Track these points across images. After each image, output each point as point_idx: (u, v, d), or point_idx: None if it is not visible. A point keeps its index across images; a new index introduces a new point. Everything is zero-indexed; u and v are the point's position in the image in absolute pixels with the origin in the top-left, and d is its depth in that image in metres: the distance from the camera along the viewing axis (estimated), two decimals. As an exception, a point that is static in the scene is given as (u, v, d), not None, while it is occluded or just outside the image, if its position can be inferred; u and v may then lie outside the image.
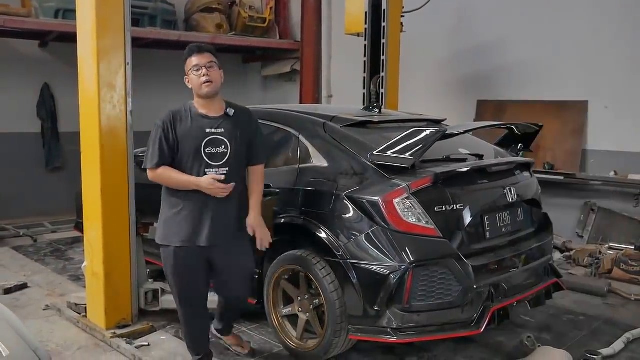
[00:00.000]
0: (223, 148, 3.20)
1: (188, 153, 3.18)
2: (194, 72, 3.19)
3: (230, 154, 3.22)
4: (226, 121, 3.25)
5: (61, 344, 4.03)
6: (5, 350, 2.02)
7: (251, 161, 3.39)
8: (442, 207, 3.38)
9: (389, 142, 3.50)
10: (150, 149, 3.19)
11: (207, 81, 3.16)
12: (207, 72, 3.17)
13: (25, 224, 7.43)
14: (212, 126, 3.21)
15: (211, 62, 3.20)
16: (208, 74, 3.16)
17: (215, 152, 3.19)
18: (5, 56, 7.88)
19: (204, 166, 3.17)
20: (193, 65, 3.19)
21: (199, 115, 3.23)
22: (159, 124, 3.20)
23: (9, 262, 6.07)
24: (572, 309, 4.84)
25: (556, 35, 6.64)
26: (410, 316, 3.27)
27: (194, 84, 3.20)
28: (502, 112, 7.11)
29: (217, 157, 3.20)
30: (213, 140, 3.19)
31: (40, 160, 8.27)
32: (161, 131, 3.18)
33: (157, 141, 3.17)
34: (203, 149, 3.17)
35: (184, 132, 3.19)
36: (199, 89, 3.19)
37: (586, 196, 6.52)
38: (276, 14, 9.54)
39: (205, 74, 3.16)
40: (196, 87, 3.20)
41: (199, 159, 3.17)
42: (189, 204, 3.20)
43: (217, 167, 3.19)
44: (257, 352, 3.86)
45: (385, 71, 6.20)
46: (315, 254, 3.56)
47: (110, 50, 3.94)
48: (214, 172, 3.16)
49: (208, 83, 3.16)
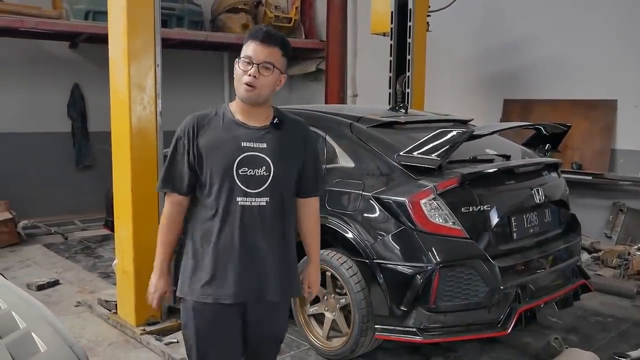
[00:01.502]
0: (264, 170, 2.28)
1: (214, 174, 2.28)
2: (242, 64, 2.27)
3: (273, 179, 2.29)
4: (271, 134, 2.33)
5: (92, 339, 4.12)
6: (43, 347, 2.08)
7: (303, 192, 2.47)
8: (468, 208, 3.38)
9: (415, 143, 3.52)
10: (164, 167, 2.41)
11: (249, 84, 2.25)
12: (257, 73, 2.24)
13: (56, 221, 7.58)
14: (252, 139, 2.29)
15: (269, 62, 2.25)
16: (256, 76, 2.24)
17: (252, 174, 2.26)
18: (37, 57, 8.06)
19: (235, 194, 2.26)
20: (245, 54, 2.27)
21: (233, 123, 2.32)
22: (177, 134, 2.36)
23: (41, 259, 6.22)
24: (600, 310, 4.79)
25: (584, 33, 6.55)
26: (437, 316, 3.29)
27: (236, 77, 2.30)
28: (529, 111, 7.05)
29: (255, 182, 2.27)
30: (250, 158, 2.27)
31: (70, 159, 8.44)
32: (179, 145, 2.34)
33: (169, 159, 2.37)
34: (236, 170, 2.25)
35: (211, 143, 2.29)
36: (238, 87, 2.30)
37: (615, 196, 6.43)
38: (302, 14, 9.58)
39: (253, 75, 2.24)
40: (236, 83, 2.31)
41: (230, 184, 2.26)
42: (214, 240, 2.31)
43: (254, 196, 2.27)
44: (284, 350, 3.91)
45: (411, 71, 6.19)
46: (341, 254, 3.59)
47: (141, 52, 4.01)
48: (249, 203, 2.27)
49: (250, 88, 2.25)
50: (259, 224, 2.29)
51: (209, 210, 2.31)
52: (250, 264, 2.31)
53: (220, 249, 2.30)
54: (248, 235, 2.28)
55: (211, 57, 9.56)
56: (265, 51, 2.26)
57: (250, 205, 2.27)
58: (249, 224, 2.28)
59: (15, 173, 7.72)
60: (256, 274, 2.32)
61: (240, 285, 2.30)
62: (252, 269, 2.31)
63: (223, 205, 2.28)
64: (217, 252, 2.30)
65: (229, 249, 2.29)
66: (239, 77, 2.28)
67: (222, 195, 2.28)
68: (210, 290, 2.31)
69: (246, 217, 2.28)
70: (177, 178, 2.35)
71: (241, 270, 2.30)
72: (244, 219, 2.28)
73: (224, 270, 2.30)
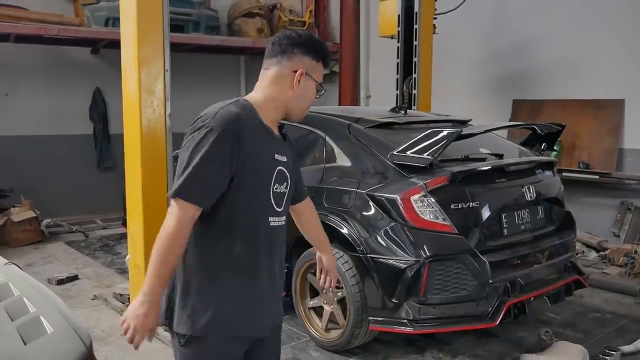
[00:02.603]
0: (285, 187, 2.08)
1: (249, 190, 1.94)
2: (313, 86, 2.06)
3: (288, 196, 2.13)
4: (284, 145, 2.12)
5: (106, 330, 4.36)
6: (50, 329, 2.29)
7: (299, 198, 2.35)
8: (458, 205, 3.52)
9: (408, 143, 3.66)
10: (190, 170, 1.85)
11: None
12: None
13: (77, 220, 7.92)
14: (279, 151, 2.06)
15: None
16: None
17: (279, 191, 2.05)
18: (61, 63, 8.41)
19: (268, 214, 2.02)
20: (319, 80, 2.08)
21: (264, 129, 2.01)
22: (217, 134, 1.85)
23: (62, 256, 6.51)
24: (600, 307, 4.86)
25: (592, 33, 6.60)
26: (427, 308, 3.43)
27: (303, 95, 2.05)
28: (538, 111, 7.11)
29: (281, 199, 2.07)
30: (280, 173, 2.05)
31: (92, 160, 8.77)
32: (220, 149, 1.86)
33: (201, 163, 1.84)
34: (272, 186, 2.02)
35: (252, 152, 1.93)
36: (300, 106, 2.08)
37: (622, 195, 6.47)
38: (316, 17, 9.76)
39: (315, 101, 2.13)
40: (299, 101, 2.05)
41: (264, 202, 2.00)
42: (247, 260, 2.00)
43: (280, 215, 2.07)
44: (285, 341, 4.09)
45: (417, 72, 6.33)
46: (338, 249, 3.75)
47: (151, 58, 4.23)
48: (277, 223, 2.06)
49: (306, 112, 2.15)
50: (279, 245, 2.11)
51: (233, 230, 1.95)
52: (273, 290, 2.11)
53: (250, 275, 2.00)
54: (270, 258, 2.06)
55: (228, 60, 9.83)
56: None
57: (277, 225, 2.06)
58: (273, 246, 2.07)
59: (39, 174, 8.07)
60: (276, 300, 2.14)
61: (270, 316, 2.10)
62: (274, 295, 2.12)
63: (253, 226, 1.98)
64: (246, 279, 2.00)
65: (258, 274, 2.03)
66: (307, 98, 2.08)
67: (255, 215, 1.98)
68: (244, 325, 2.01)
69: (273, 238, 2.06)
70: (208, 189, 1.88)
71: (268, 298, 2.07)
72: (271, 240, 2.05)
73: (254, 300, 2.03)
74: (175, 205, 1.86)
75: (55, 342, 2.22)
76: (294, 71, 2.01)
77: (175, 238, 1.86)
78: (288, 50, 2.02)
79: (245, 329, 2.01)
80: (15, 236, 6.84)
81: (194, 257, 1.98)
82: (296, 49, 2.02)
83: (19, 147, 8.04)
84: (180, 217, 1.85)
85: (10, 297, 2.45)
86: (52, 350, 2.17)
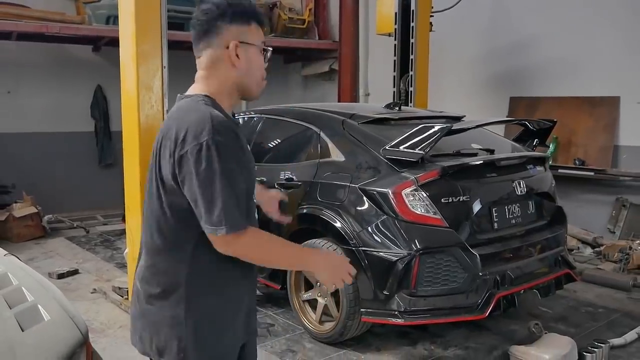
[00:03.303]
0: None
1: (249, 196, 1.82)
2: (256, 51, 1.82)
3: None
4: None
5: (105, 322, 4.44)
6: (47, 316, 2.36)
7: None
8: (449, 199, 3.58)
9: (400, 138, 3.73)
10: (221, 197, 1.62)
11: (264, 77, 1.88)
12: None
13: (79, 216, 8.00)
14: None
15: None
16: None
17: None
18: (62, 60, 8.49)
19: (255, 218, 1.89)
20: (261, 39, 1.83)
21: (235, 124, 1.82)
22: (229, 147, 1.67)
23: (63, 251, 6.60)
24: (593, 301, 4.92)
25: (588, 31, 6.65)
26: (417, 300, 3.49)
27: (253, 67, 1.82)
28: (534, 108, 7.16)
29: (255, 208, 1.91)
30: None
31: (93, 157, 8.85)
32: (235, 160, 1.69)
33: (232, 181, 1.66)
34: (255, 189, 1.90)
35: (250, 161, 1.85)
36: (254, 80, 1.84)
37: (617, 192, 6.51)
38: (315, 15, 9.83)
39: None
40: (250, 75, 1.82)
41: (252, 206, 1.86)
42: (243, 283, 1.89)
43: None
44: (280, 333, 4.16)
45: (414, 70, 6.39)
46: (332, 242, 3.83)
47: (148, 55, 4.30)
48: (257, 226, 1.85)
49: (264, 82, 1.90)
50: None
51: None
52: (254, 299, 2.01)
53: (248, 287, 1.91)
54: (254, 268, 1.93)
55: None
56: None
57: None
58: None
59: (41, 170, 8.15)
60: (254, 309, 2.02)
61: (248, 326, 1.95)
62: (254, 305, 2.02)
63: None
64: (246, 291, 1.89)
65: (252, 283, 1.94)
66: (256, 67, 1.83)
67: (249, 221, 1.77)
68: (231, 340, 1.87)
69: None
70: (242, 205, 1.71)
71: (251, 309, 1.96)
72: None
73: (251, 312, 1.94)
74: (226, 241, 1.66)
75: (52, 329, 2.29)
76: (227, 47, 1.78)
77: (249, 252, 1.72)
78: (211, 27, 1.79)
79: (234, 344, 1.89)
80: (17, 231, 6.92)
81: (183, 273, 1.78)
82: (219, 21, 1.79)
83: (21, 144, 8.13)
84: (232, 248, 1.69)
85: (9, 286, 2.53)
86: (49, 337, 2.24)
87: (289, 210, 3.77)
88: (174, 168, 1.67)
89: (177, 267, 1.77)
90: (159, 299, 1.80)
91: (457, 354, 3.88)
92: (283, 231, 4.17)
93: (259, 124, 4.71)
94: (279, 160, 4.44)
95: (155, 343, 1.81)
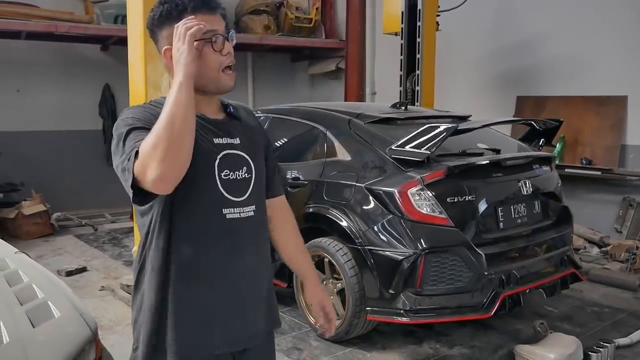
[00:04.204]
0: (245, 172, 1.77)
1: (188, 183, 1.60)
2: (214, 44, 1.67)
3: (255, 182, 1.80)
4: (235, 126, 1.82)
5: (113, 319, 4.48)
6: (57, 313, 2.40)
7: (271, 191, 1.95)
8: (454, 199, 3.60)
9: (406, 137, 3.75)
10: (123, 147, 1.61)
11: (230, 65, 1.72)
12: (230, 50, 1.71)
13: (87, 214, 8.06)
14: (221, 134, 1.76)
15: (230, 31, 1.73)
16: (231, 52, 1.72)
17: (234, 178, 1.74)
18: (71, 60, 8.55)
19: (219, 206, 1.72)
20: (207, 29, 1.62)
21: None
22: (128, 121, 1.66)
23: (71, 249, 6.66)
24: (599, 301, 4.92)
25: (595, 30, 6.63)
26: (422, 299, 3.51)
27: (206, 66, 1.67)
28: (541, 107, 7.15)
29: (239, 187, 1.75)
30: (230, 157, 1.75)
31: (101, 155, 8.87)
32: (138, 126, 1.63)
33: (132, 134, 1.62)
34: (218, 174, 1.71)
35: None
36: (215, 76, 1.70)
37: (625, 191, 6.50)
38: (322, 14, 9.84)
39: (229, 51, 1.71)
40: (205, 76, 1.67)
41: (209, 194, 1.70)
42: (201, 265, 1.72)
43: (242, 207, 1.75)
44: (286, 331, 4.19)
45: (420, 69, 6.40)
46: (338, 241, 3.85)
47: (156, 55, 4.27)
48: (237, 215, 1.74)
49: (232, 72, 1.74)
50: (249, 241, 1.79)
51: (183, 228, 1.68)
52: (245, 295, 1.79)
53: (207, 279, 1.72)
54: (236, 257, 1.75)
55: (235, 57, 9.82)
56: (219, 19, 1.71)
57: (240, 217, 1.74)
58: (239, 243, 1.76)
59: (50, 168, 8.19)
60: (251, 308, 1.81)
61: (242, 325, 1.79)
62: (247, 301, 1.79)
63: (206, 221, 1.70)
64: (202, 284, 1.71)
65: (218, 278, 1.73)
66: (212, 64, 1.67)
67: (205, 207, 1.70)
68: (199, 339, 1.71)
69: (238, 234, 1.75)
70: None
71: (236, 305, 1.77)
72: (235, 237, 1.75)
73: (214, 309, 1.73)
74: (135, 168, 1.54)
75: (62, 326, 2.33)
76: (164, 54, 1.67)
77: (147, 155, 1.51)
78: (153, 36, 1.71)
79: (205, 344, 1.71)
80: (26, 229, 6.99)
81: (142, 262, 1.75)
82: (155, 29, 1.69)
83: (30, 142, 8.18)
84: (138, 169, 1.53)
85: (20, 283, 2.57)
86: (59, 333, 2.28)
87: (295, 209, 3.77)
88: None
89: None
90: None
91: (463, 352, 3.90)
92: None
93: (266, 124, 4.72)
94: (286, 160, 4.46)
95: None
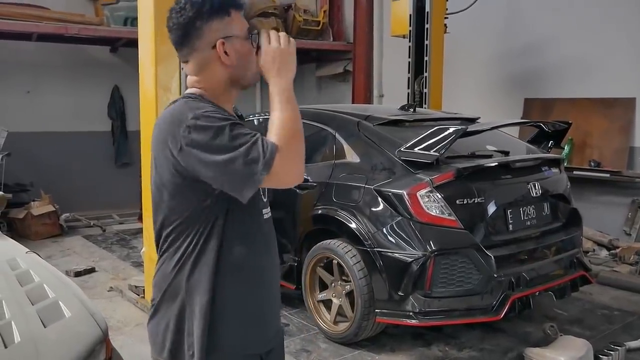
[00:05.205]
0: None
1: None
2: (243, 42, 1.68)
3: None
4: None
5: (122, 320, 4.50)
6: (68, 313, 2.41)
7: None
8: (464, 201, 3.59)
9: (415, 139, 3.75)
10: (234, 139, 1.53)
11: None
12: None
13: (95, 215, 8.10)
14: None
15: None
16: None
17: None
18: (80, 61, 8.60)
19: (260, 206, 1.75)
20: (246, 26, 1.70)
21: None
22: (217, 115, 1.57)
23: (80, 249, 6.69)
24: (609, 304, 4.90)
25: (604, 32, 6.61)
26: (432, 301, 3.51)
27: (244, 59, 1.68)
28: (549, 110, 7.13)
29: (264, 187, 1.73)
30: None
31: (110, 156, 8.96)
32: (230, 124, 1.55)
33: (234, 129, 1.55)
34: None
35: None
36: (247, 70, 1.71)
37: (633, 194, 6.47)
38: (330, 17, 9.85)
39: None
40: (247, 68, 1.70)
41: (256, 193, 1.65)
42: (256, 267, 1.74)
43: (267, 207, 1.81)
44: (295, 333, 4.19)
45: (428, 71, 6.40)
46: (346, 243, 3.85)
47: (167, 57, 4.35)
48: (267, 215, 1.79)
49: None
50: (272, 241, 1.82)
51: (236, 229, 1.67)
52: (276, 293, 1.83)
53: (254, 278, 1.73)
54: (271, 256, 1.80)
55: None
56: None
57: (269, 217, 1.79)
58: (271, 241, 1.80)
59: (59, 169, 8.25)
60: (279, 305, 1.87)
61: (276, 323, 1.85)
62: (277, 300, 1.84)
63: (253, 222, 1.72)
64: (251, 283, 1.72)
65: (260, 277, 1.75)
66: (247, 58, 1.68)
67: (252, 210, 1.70)
68: (257, 336, 1.74)
69: (269, 233, 1.79)
70: None
71: (274, 303, 1.81)
72: (268, 235, 1.78)
73: (262, 307, 1.75)
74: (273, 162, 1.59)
75: (72, 326, 2.35)
76: (212, 47, 1.65)
77: (288, 156, 1.68)
78: (190, 30, 1.65)
79: (260, 344, 1.74)
80: (35, 229, 7.03)
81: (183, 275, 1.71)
82: (197, 21, 1.65)
83: (40, 143, 8.23)
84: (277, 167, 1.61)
85: (31, 283, 2.59)
86: (70, 333, 2.30)
87: (304, 211, 3.80)
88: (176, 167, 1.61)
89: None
90: None
91: (472, 355, 3.89)
92: (297, 233, 4.22)
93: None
94: (294, 161, 4.46)
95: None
